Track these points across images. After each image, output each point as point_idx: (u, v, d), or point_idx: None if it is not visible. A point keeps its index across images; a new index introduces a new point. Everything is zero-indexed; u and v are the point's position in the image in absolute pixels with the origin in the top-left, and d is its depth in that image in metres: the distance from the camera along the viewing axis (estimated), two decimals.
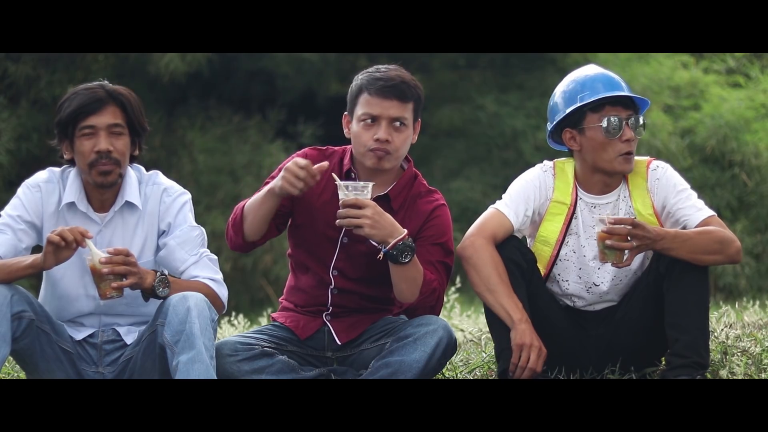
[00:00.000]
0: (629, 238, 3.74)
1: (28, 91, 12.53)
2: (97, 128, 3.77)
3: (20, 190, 3.86)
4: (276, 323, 4.06)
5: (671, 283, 3.84)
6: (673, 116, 13.64)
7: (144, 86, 12.54)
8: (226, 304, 3.87)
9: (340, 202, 3.71)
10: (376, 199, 3.81)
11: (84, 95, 3.80)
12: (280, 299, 4.16)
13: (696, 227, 3.86)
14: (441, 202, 3.98)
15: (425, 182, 4.03)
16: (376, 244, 3.76)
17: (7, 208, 3.85)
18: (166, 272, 3.74)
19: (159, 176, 3.95)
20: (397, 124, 3.86)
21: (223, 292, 3.85)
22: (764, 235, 12.97)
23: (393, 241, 3.70)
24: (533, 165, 4.11)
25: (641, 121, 3.94)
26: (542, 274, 4.01)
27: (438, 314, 3.94)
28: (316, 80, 13.32)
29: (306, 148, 4.05)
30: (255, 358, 3.88)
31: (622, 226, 3.72)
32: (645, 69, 13.76)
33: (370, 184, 3.73)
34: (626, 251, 3.75)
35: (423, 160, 14.50)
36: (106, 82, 3.87)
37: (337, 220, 3.71)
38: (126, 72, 12.69)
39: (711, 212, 3.91)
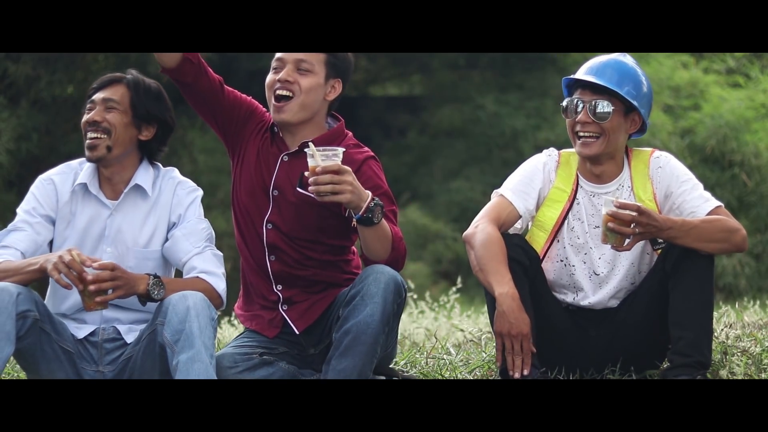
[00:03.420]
0: (633, 225, 3.74)
1: (28, 91, 12.53)
2: (95, 102, 3.91)
3: (33, 186, 3.93)
4: (249, 330, 3.99)
5: (676, 282, 3.84)
6: (673, 116, 13.66)
7: None
8: (224, 298, 3.86)
9: (317, 168, 3.56)
10: (298, 149, 3.83)
11: (103, 77, 3.99)
12: (235, 308, 4.08)
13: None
14: (371, 154, 3.90)
15: (356, 140, 3.95)
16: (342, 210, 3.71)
17: (22, 205, 3.92)
18: (159, 275, 3.75)
19: (175, 171, 4.05)
20: (302, 69, 3.85)
21: (220, 285, 3.83)
22: (764, 235, 12.99)
23: (365, 205, 3.61)
24: None
25: (600, 107, 3.93)
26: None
27: (404, 263, 3.83)
28: None
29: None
30: (255, 368, 3.87)
31: (627, 212, 3.72)
32: (645, 69, 13.68)
33: (342, 150, 3.63)
34: (628, 236, 3.75)
35: (423, 160, 14.49)
36: (137, 73, 4.01)
37: (314, 187, 3.58)
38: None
39: (718, 203, 3.94)
